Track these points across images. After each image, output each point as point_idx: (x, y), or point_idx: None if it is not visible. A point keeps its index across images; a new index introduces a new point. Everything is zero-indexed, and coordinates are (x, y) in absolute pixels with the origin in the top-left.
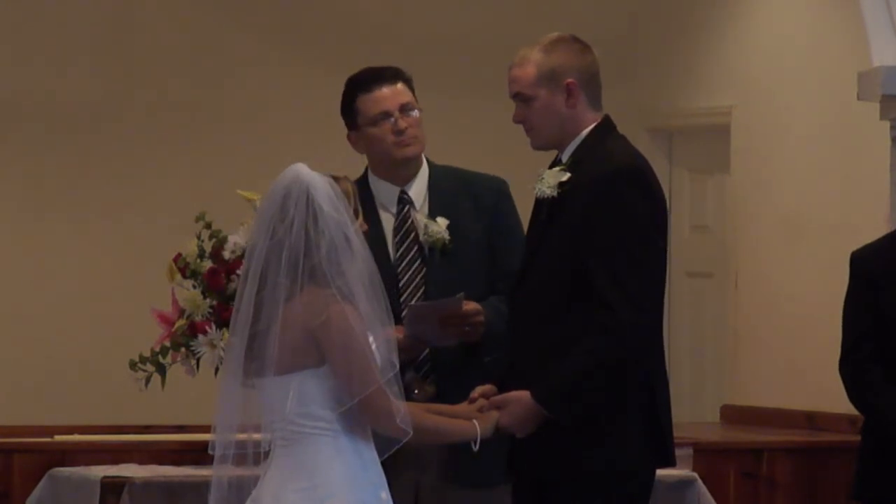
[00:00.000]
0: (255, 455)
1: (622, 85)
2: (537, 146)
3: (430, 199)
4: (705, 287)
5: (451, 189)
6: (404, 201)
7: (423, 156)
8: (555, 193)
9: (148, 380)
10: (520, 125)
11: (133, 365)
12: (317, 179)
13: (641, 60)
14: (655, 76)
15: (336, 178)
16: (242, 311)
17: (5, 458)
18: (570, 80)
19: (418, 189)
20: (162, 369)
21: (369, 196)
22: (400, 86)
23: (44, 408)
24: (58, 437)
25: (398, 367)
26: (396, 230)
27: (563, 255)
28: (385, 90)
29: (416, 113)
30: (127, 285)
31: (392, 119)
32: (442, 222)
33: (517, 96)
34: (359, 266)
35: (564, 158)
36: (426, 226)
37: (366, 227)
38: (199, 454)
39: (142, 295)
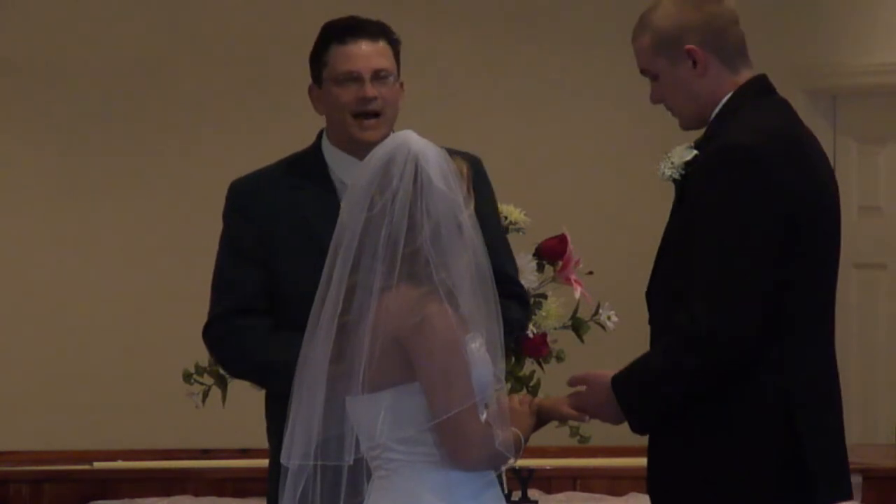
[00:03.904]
0: (334, 480)
1: (773, 38)
2: (684, 127)
3: None
4: (878, 280)
5: None
6: None
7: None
8: (676, 175)
9: (205, 395)
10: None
11: (188, 377)
12: (429, 149)
13: (798, 9)
14: (814, 27)
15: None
16: (331, 296)
17: (34, 490)
18: (689, 45)
19: None
20: (222, 382)
21: (322, 165)
22: (381, 45)
23: (80, 429)
24: (97, 465)
25: (503, 383)
26: None
27: (679, 249)
28: (363, 46)
29: (391, 80)
30: (180, 281)
31: (360, 84)
32: None
33: (643, 73)
34: (468, 259)
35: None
36: None
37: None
38: (266, 483)
39: (199, 291)
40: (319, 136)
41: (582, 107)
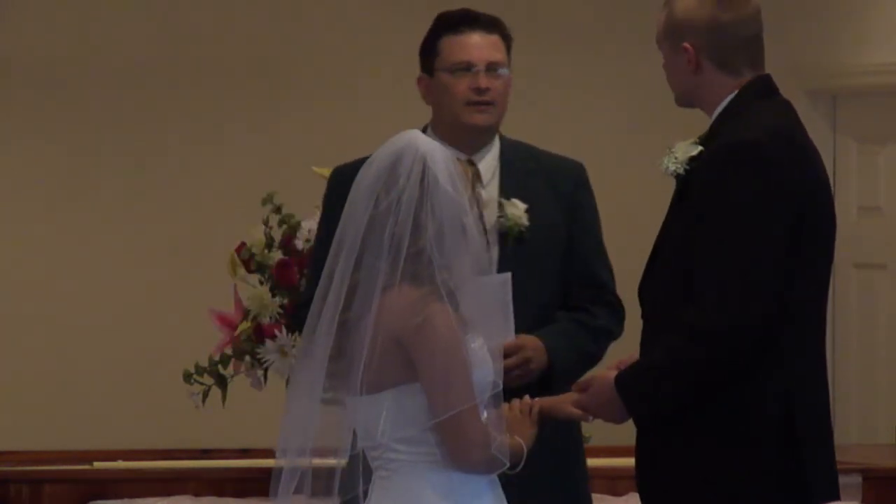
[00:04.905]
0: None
1: (773, 38)
2: (676, 102)
3: (501, 176)
4: (878, 281)
5: (524, 168)
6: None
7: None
8: (680, 170)
9: (205, 395)
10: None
11: (188, 377)
12: (436, 149)
13: (798, 9)
14: (814, 27)
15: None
16: (333, 293)
17: (34, 490)
18: (686, 43)
19: (488, 163)
20: (222, 382)
21: None
22: (495, 38)
23: (80, 429)
24: (97, 465)
25: (501, 385)
26: None
27: (680, 245)
28: (477, 38)
29: (504, 73)
30: (180, 281)
31: (474, 73)
32: (520, 205)
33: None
34: (471, 261)
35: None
36: (501, 206)
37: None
38: (266, 483)
39: (198, 293)
40: (423, 130)
41: (582, 107)
